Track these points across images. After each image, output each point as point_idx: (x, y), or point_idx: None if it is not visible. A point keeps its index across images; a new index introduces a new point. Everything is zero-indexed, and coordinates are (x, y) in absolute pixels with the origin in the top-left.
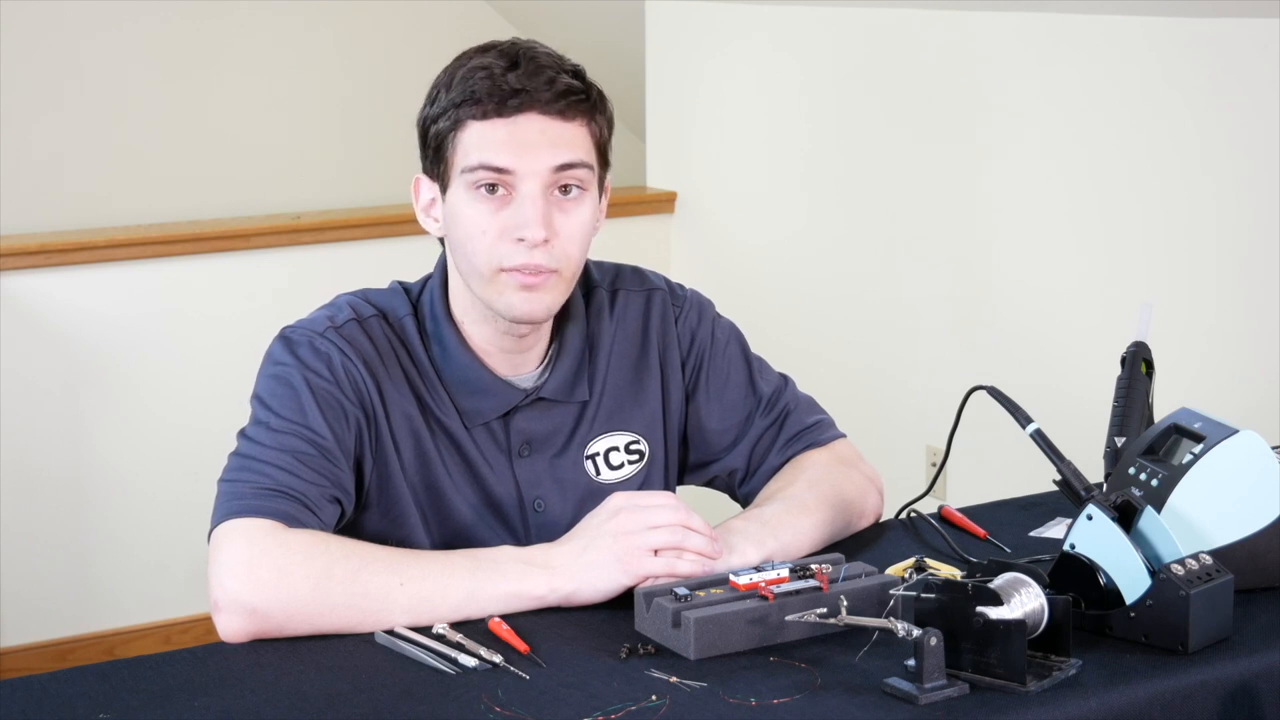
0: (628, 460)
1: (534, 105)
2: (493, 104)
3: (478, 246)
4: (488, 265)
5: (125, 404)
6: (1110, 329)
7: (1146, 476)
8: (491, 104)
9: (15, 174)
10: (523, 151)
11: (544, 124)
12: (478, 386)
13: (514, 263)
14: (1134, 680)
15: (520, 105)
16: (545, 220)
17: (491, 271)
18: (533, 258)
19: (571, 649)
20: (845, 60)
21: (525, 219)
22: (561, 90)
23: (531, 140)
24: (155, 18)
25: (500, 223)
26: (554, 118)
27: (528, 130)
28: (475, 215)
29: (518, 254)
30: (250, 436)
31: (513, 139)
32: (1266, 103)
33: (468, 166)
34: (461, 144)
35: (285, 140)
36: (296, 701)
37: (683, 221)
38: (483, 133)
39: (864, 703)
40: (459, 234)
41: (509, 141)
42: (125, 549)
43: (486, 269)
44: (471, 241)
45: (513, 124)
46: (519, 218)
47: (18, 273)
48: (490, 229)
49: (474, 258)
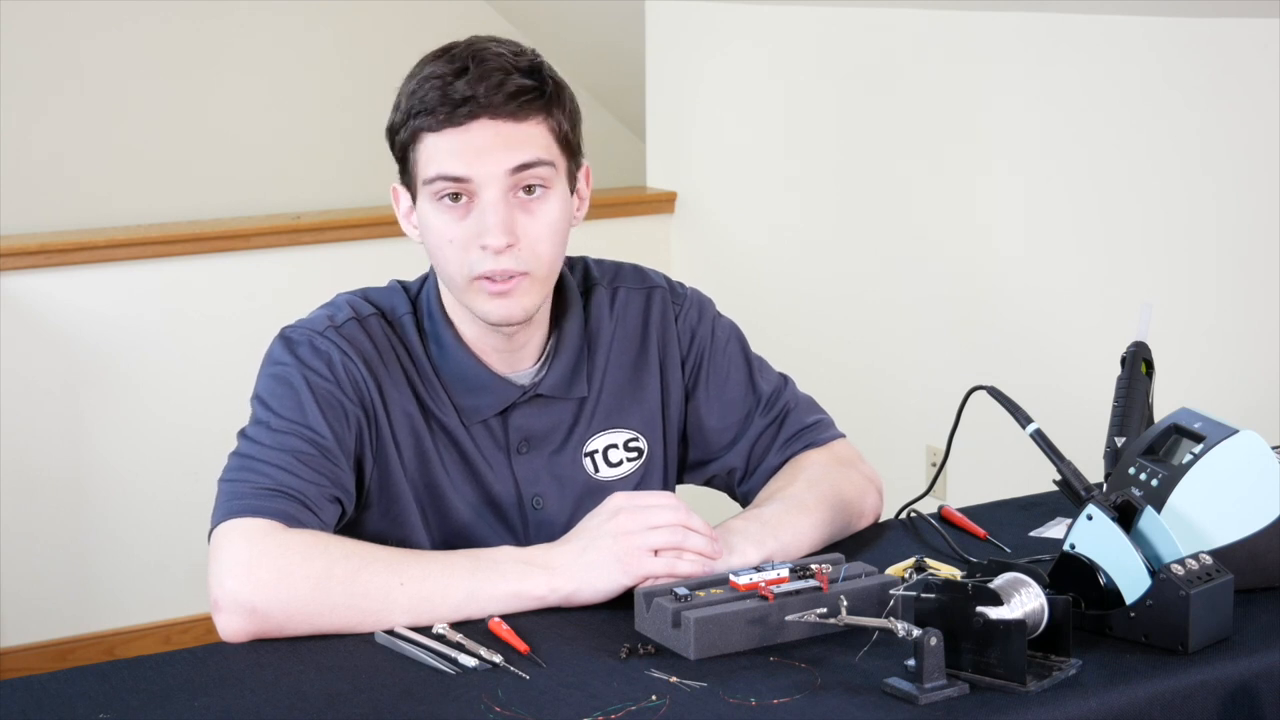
0: (626, 458)
1: (484, 111)
2: (443, 113)
3: (448, 255)
4: (460, 274)
5: (125, 404)
6: (1110, 329)
7: (1146, 476)
8: (442, 114)
9: (15, 174)
10: (477, 158)
11: (496, 128)
12: (475, 384)
13: (482, 269)
14: (1134, 680)
15: (470, 113)
16: (506, 226)
17: (465, 280)
18: (500, 263)
19: (571, 649)
20: (845, 60)
21: (486, 226)
22: (512, 91)
23: (485, 146)
24: (155, 18)
25: (464, 231)
26: (506, 120)
27: (480, 136)
28: (441, 225)
29: (485, 261)
30: (250, 436)
31: (466, 147)
32: (1266, 103)
33: (427, 178)
34: (420, 155)
35: (285, 140)
36: (296, 701)
37: (683, 221)
38: (436, 144)
39: (864, 703)
40: (430, 243)
41: (462, 150)
42: (125, 549)
43: (460, 277)
44: (441, 251)
45: (465, 132)
46: (480, 225)
47: (18, 273)
48: (456, 238)
49: (447, 266)
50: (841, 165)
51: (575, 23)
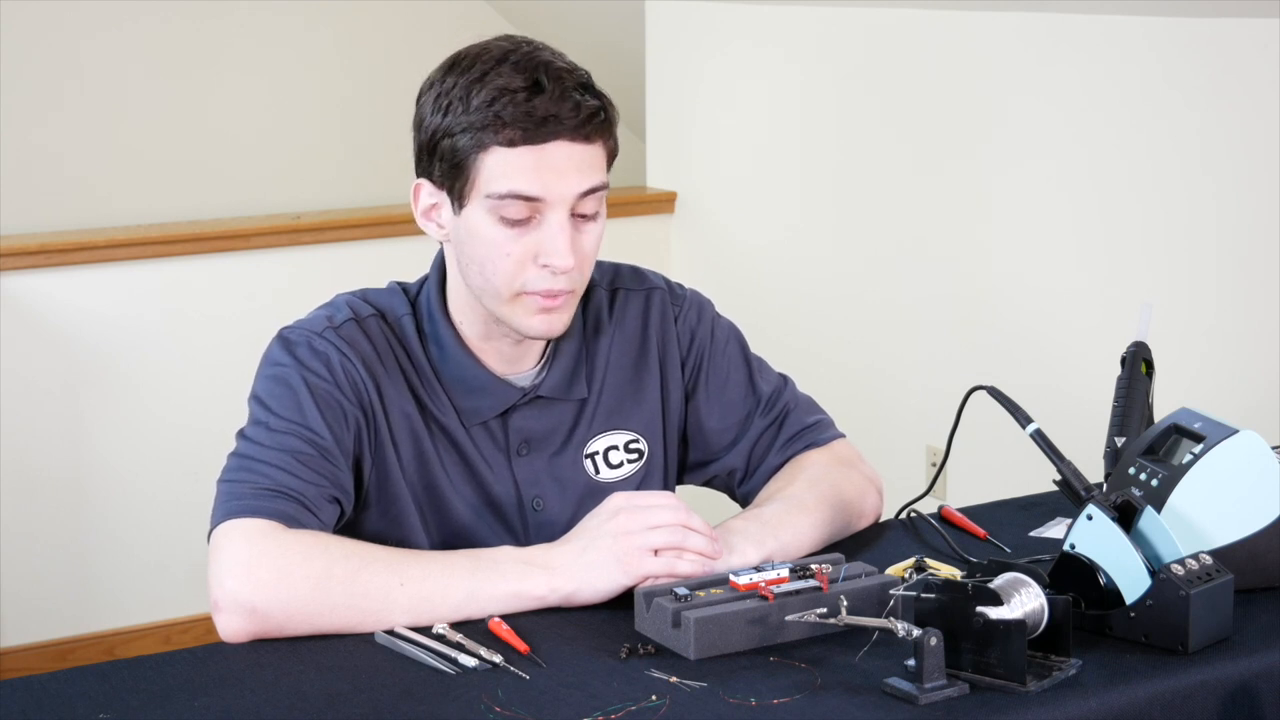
0: (627, 459)
1: (563, 133)
2: (521, 131)
3: (500, 268)
4: (508, 287)
5: (125, 404)
6: (1110, 329)
7: (1146, 476)
8: (520, 131)
9: (15, 174)
10: (553, 179)
11: (570, 150)
12: (475, 385)
13: (538, 287)
14: (1134, 680)
15: (552, 133)
16: (574, 248)
17: (511, 293)
18: (557, 283)
19: (571, 649)
20: (845, 60)
21: (556, 248)
22: (587, 115)
23: (560, 167)
24: (155, 18)
25: (525, 248)
26: (580, 143)
27: (556, 157)
28: (499, 238)
29: (542, 279)
30: (249, 437)
31: (542, 166)
32: (1266, 103)
33: (496, 194)
34: (486, 167)
35: (285, 140)
36: (296, 701)
37: (683, 221)
38: (511, 160)
39: (864, 703)
40: (477, 252)
41: (538, 169)
42: (125, 549)
43: (506, 290)
44: (493, 263)
45: (542, 151)
46: (548, 245)
47: (18, 273)
48: (514, 252)
49: (494, 278)
50: (842, 165)
51: (575, 23)
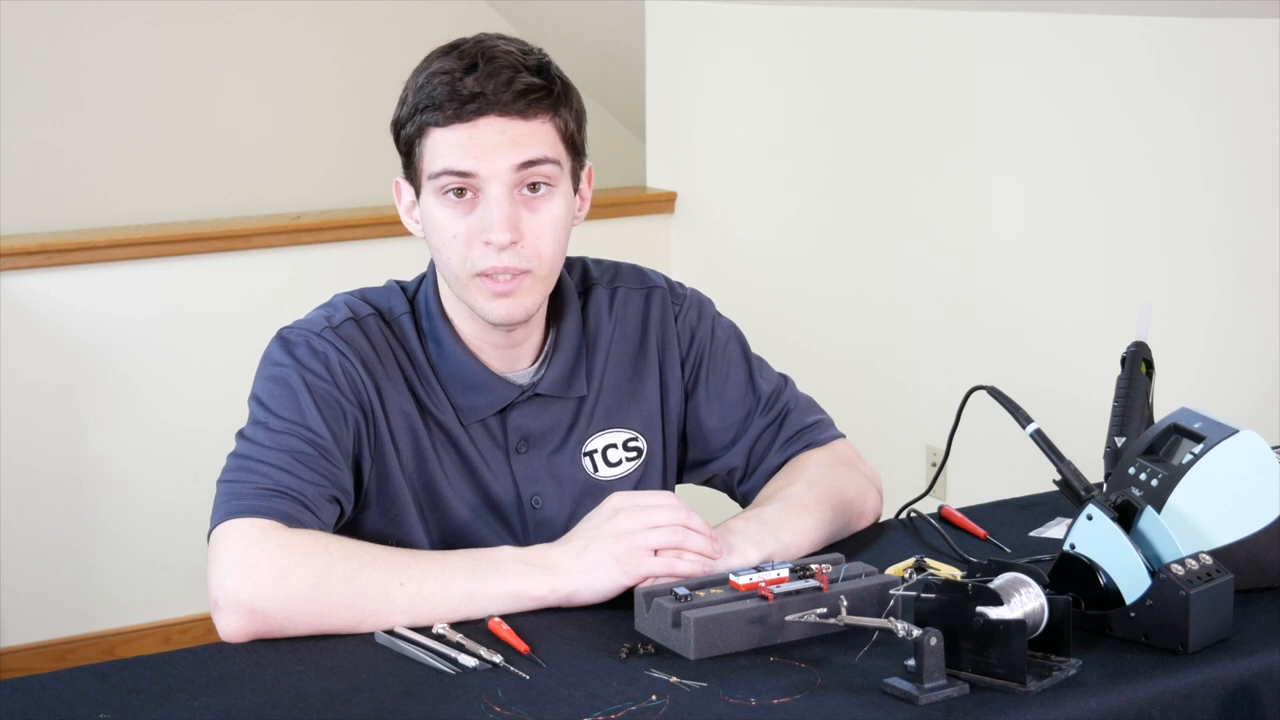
0: (626, 457)
1: (492, 108)
2: (451, 109)
3: (451, 251)
4: (462, 269)
5: (125, 404)
6: (1110, 329)
7: (1146, 476)
8: (450, 109)
9: (15, 174)
10: (483, 154)
11: (504, 125)
12: (473, 383)
13: (484, 266)
14: (1134, 680)
15: (479, 109)
16: (511, 223)
17: (467, 276)
18: (501, 260)
19: (571, 649)
20: (845, 60)
21: (490, 222)
22: (521, 90)
23: (491, 142)
24: (156, 18)
25: (468, 226)
26: (514, 118)
27: (487, 133)
28: (445, 220)
29: (487, 257)
30: (249, 437)
31: (473, 143)
32: (1266, 103)
33: (433, 173)
34: (427, 150)
35: (285, 140)
36: (296, 701)
37: (683, 221)
38: (444, 138)
39: (864, 703)
40: (434, 239)
41: (469, 145)
42: (125, 549)
43: (461, 273)
44: (445, 247)
45: (472, 128)
46: (484, 221)
47: (18, 273)
48: (460, 233)
49: (449, 262)
50: (841, 165)
51: (575, 23)
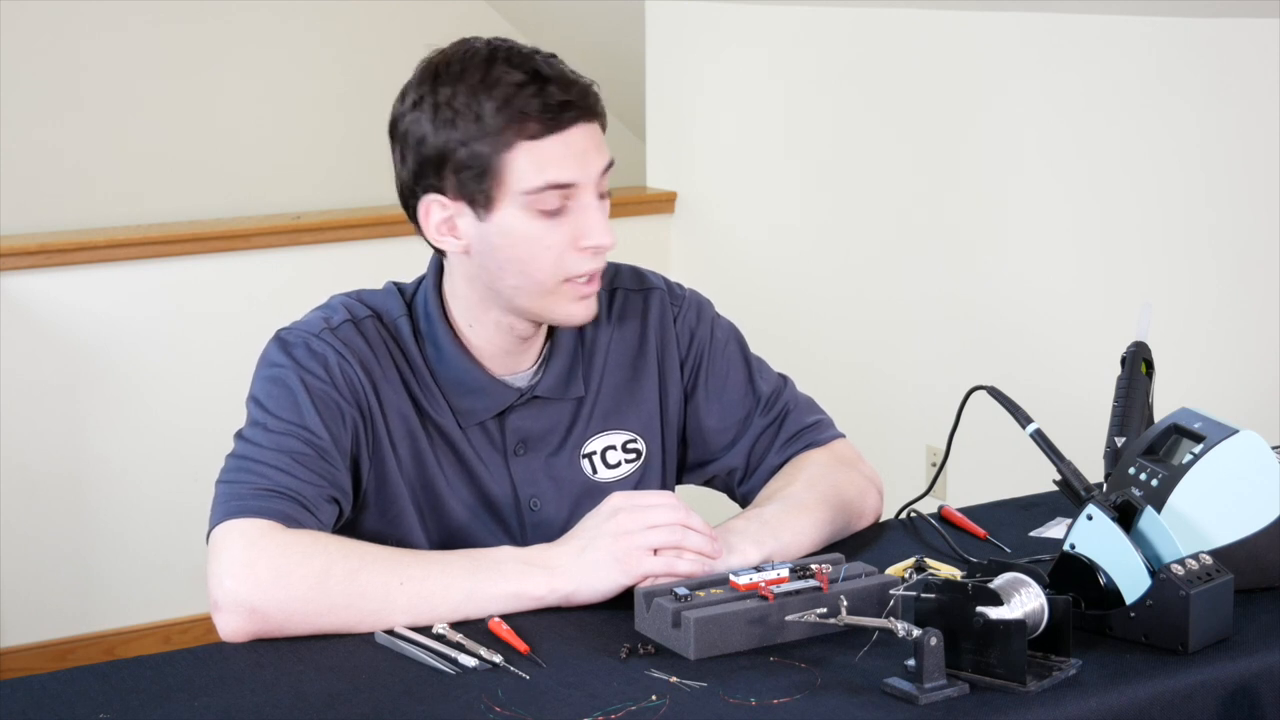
0: (625, 459)
1: (582, 115)
2: (546, 120)
3: (542, 262)
4: (552, 278)
5: (125, 404)
6: (1110, 329)
7: (1146, 476)
8: (545, 121)
9: (15, 174)
10: (582, 162)
11: (589, 130)
12: (472, 386)
13: (581, 270)
14: (1134, 680)
15: (574, 117)
16: (610, 226)
17: (555, 283)
18: (598, 263)
19: (571, 649)
20: (845, 60)
21: (592, 227)
22: (592, 93)
23: (585, 149)
24: (156, 18)
25: (564, 235)
26: (594, 122)
27: (580, 140)
28: (538, 232)
29: (585, 262)
30: (247, 438)
31: (569, 151)
32: (1266, 103)
33: (532, 189)
34: (514, 166)
35: (286, 140)
36: (296, 701)
37: (683, 221)
38: (539, 151)
39: (864, 703)
40: (515, 252)
41: (566, 155)
42: (125, 549)
43: (551, 281)
44: (534, 258)
45: (567, 136)
46: (587, 228)
47: (18, 273)
48: (555, 243)
49: (537, 273)
50: (841, 165)
51: (575, 23)
